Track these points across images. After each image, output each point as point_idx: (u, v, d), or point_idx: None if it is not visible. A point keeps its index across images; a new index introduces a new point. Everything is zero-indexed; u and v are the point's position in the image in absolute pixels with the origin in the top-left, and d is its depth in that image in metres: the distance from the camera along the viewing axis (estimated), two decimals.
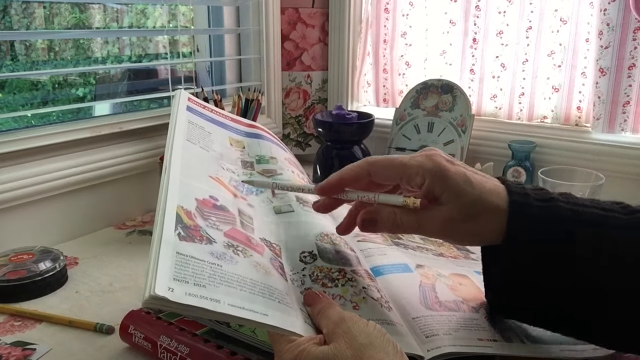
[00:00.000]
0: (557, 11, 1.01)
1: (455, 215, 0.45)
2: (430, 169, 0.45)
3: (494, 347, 0.48)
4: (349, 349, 0.38)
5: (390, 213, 0.47)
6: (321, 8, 1.24)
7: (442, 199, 0.45)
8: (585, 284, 0.43)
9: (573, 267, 0.43)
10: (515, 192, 0.45)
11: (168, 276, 0.36)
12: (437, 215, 0.45)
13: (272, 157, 0.64)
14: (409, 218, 0.46)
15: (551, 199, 0.45)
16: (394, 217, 0.47)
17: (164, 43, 1.31)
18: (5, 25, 1.27)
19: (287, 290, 0.44)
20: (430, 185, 0.45)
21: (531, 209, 0.44)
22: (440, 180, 0.45)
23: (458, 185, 0.45)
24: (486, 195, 0.45)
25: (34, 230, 0.83)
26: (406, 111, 1.15)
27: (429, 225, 0.46)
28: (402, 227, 0.47)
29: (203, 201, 0.47)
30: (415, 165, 0.46)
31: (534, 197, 0.45)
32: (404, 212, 0.47)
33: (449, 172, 0.45)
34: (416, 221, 0.46)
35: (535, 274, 0.44)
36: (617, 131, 0.97)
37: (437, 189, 0.45)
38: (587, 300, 0.44)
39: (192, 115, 0.60)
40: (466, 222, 0.45)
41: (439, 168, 0.45)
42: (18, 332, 0.60)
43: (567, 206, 0.44)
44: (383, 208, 0.48)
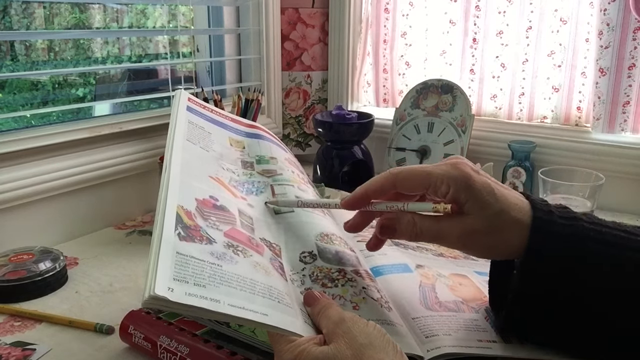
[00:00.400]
0: (557, 11, 1.01)
1: (477, 226, 0.44)
2: (456, 177, 0.45)
3: (494, 348, 0.48)
4: (349, 349, 0.38)
5: (409, 221, 0.47)
6: (321, 8, 1.24)
7: (465, 208, 0.45)
8: (602, 306, 0.43)
9: (592, 287, 0.43)
10: (539, 209, 0.45)
11: (168, 276, 0.36)
12: (459, 225, 0.45)
13: (272, 157, 0.64)
14: (429, 226, 0.46)
15: (575, 218, 0.44)
16: (412, 225, 0.47)
17: (164, 43, 1.31)
18: (5, 25, 1.27)
19: (287, 290, 0.44)
20: (455, 194, 0.45)
21: (554, 227, 0.44)
22: (465, 189, 0.44)
23: (482, 196, 0.44)
24: (509, 209, 0.44)
25: (34, 230, 0.83)
26: (406, 111, 1.15)
27: (448, 236, 0.46)
28: (422, 236, 0.47)
29: (203, 201, 0.47)
30: (440, 174, 0.45)
31: (557, 215, 0.44)
32: (424, 221, 0.46)
33: (474, 182, 0.44)
34: (436, 230, 0.46)
35: (552, 292, 0.44)
36: (617, 131, 0.97)
37: (462, 197, 0.44)
38: (601, 322, 0.43)
39: (192, 116, 0.60)
40: (487, 235, 0.44)
41: (464, 177, 0.45)
42: (18, 332, 0.60)
43: (590, 226, 0.44)
44: (403, 215, 0.47)
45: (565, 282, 0.43)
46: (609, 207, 0.94)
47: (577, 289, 0.43)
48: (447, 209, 0.45)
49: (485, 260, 0.68)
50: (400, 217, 0.47)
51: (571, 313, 0.44)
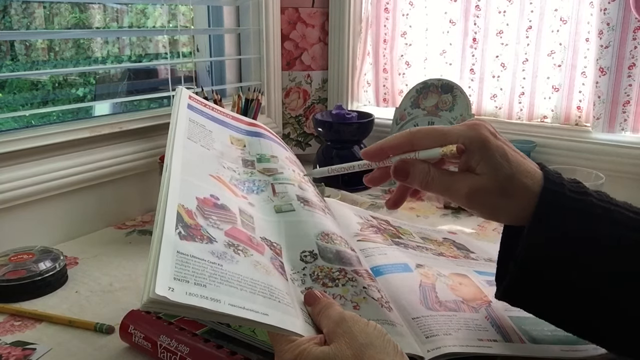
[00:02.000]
0: (557, 11, 1.01)
1: (487, 186, 0.44)
2: (471, 137, 0.45)
3: (494, 347, 0.48)
4: (349, 349, 0.38)
5: (424, 168, 0.48)
6: (321, 8, 1.24)
7: (478, 169, 0.45)
8: (603, 282, 0.43)
9: (593, 264, 0.43)
10: (550, 180, 0.45)
11: (168, 275, 0.36)
12: (469, 181, 0.45)
13: (272, 155, 0.64)
14: (441, 177, 0.47)
15: (585, 193, 0.44)
16: (426, 173, 0.47)
17: (164, 43, 1.31)
18: (5, 25, 1.27)
19: (287, 289, 0.44)
20: (469, 154, 0.45)
21: (563, 199, 0.44)
22: (480, 149, 0.45)
23: (495, 158, 0.44)
24: (521, 175, 0.44)
25: (34, 230, 0.83)
26: (406, 111, 1.15)
27: (458, 190, 0.46)
28: (432, 185, 0.47)
29: (204, 200, 0.47)
30: (456, 133, 0.46)
31: (568, 188, 0.44)
32: (437, 171, 0.47)
33: (489, 143, 0.45)
34: (447, 182, 0.47)
35: (553, 264, 0.44)
36: (617, 131, 0.97)
37: (475, 157, 0.45)
38: (602, 300, 0.43)
39: (193, 114, 0.59)
40: (495, 196, 0.45)
41: (480, 137, 0.45)
42: (18, 332, 0.60)
43: (599, 203, 0.44)
44: (419, 162, 0.48)
45: (567, 256, 0.43)
46: None
47: (578, 265, 0.43)
48: (452, 150, 0.45)
49: (485, 260, 0.69)
50: (416, 163, 0.48)
51: (570, 288, 0.44)
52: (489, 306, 0.54)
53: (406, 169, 0.49)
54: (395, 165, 0.49)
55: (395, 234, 0.68)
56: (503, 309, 0.54)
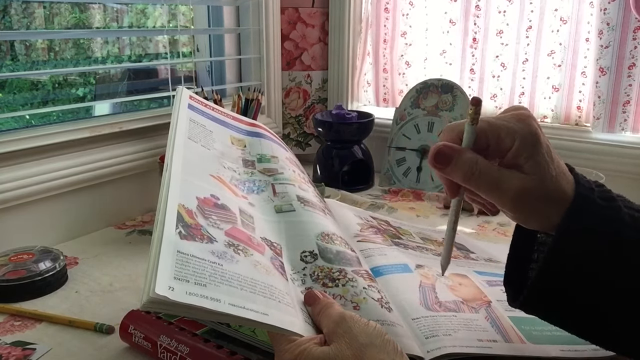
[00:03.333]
0: (557, 11, 1.01)
1: (535, 188, 0.41)
2: (522, 132, 0.41)
3: (494, 347, 0.48)
4: (349, 349, 0.38)
5: (471, 158, 0.42)
6: (321, 8, 1.24)
7: (526, 167, 0.41)
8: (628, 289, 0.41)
9: (617, 271, 0.41)
10: (582, 184, 0.42)
11: (168, 275, 0.36)
12: (519, 181, 0.41)
13: (273, 156, 0.64)
14: (489, 170, 0.42)
15: (612, 199, 0.42)
16: (474, 163, 0.42)
17: (164, 43, 1.31)
18: (5, 25, 1.27)
19: (287, 289, 0.44)
20: (520, 149, 0.41)
21: (593, 206, 0.41)
22: (532, 146, 0.41)
23: (545, 158, 0.41)
24: (561, 178, 0.42)
25: (34, 230, 0.83)
26: (406, 111, 1.15)
27: (506, 189, 0.41)
28: (479, 178, 0.42)
29: (204, 200, 0.47)
30: (504, 126, 0.42)
31: (597, 194, 0.42)
32: (486, 163, 0.42)
33: (541, 141, 0.41)
34: (496, 178, 0.42)
35: (578, 271, 0.42)
36: (617, 131, 0.97)
37: (525, 155, 0.41)
38: (623, 308, 0.42)
39: (194, 114, 0.59)
40: (539, 201, 0.41)
41: (532, 133, 0.41)
42: (18, 332, 0.60)
43: (626, 210, 0.42)
44: (467, 151, 0.42)
45: (594, 264, 0.41)
46: None
47: (605, 273, 0.41)
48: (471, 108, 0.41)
49: (485, 260, 0.69)
50: (463, 151, 0.42)
51: (592, 296, 0.42)
52: (488, 306, 0.54)
53: (450, 154, 0.42)
54: (439, 149, 0.43)
55: (395, 235, 0.68)
56: (503, 309, 0.54)
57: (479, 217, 0.94)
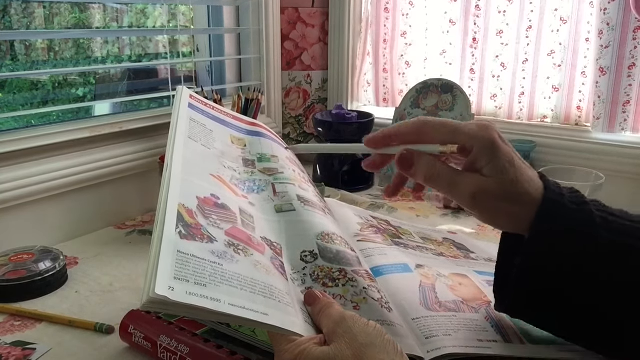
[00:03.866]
0: (557, 11, 1.01)
1: (492, 189, 0.44)
2: (482, 139, 0.45)
3: (494, 347, 0.48)
4: (349, 349, 0.38)
5: (430, 161, 0.47)
6: (321, 8, 1.24)
7: (485, 171, 0.45)
8: (604, 291, 0.42)
9: (595, 274, 0.42)
10: (551, 189, 0.45)
11: (169, 275, 0.36)
12: (475, 181, 0.45)
13: (273, 155, 0.64)
14: (447, 173, 0.46)
15: (584, 203, 0.44)
16: (432, 166, 0.47)
17: (164, 43, 1.31)
18: (5, 25, 1.27)
19: (287, 289, 0.44)
20: (478, 155, 0.45)
21: (563, 209, 0.43)
22: (489, 152, 0.45)
23: (502, 162, 0.44)
24: (524, 182, 0.44)
25: (34, 230, 0.83)
26: (406, 111, 1.15)
27: (463, 189, 0.45)
28: (437, 180, 0.47)
29: (204, 199, 0.47)
30: (467, 132, 0.46)
31: (567, 198, 0.44)
32: (444, 166, 0.47)
33: (498, 147, 0.45)
34: (453, 179, 0.46)
35: (554, 273, 0.43)
36: (617, 131, 0.97)
37: (483, 160, 0.45)
38: (603, 308, 0.43)
39: (194, 113, 0.59)
40: (499, 200, 0.44)
41: (490, 140, 0.45)
42: (18, 332, 0.60)
43: (598, 212, 0.44)
44: (425, 154, 0.47)
45: (568, 265, 0.43)
46: None
47: (579, 275, 0.43)
48: (453, 150, 0.45)
49: (485, 260, 0.69)
50: (422, 155, 0.47)
51: (570, 297, 0.43)
52: (488, 306, 0.54)
53: (411, 159, 0.48)
54: (401, 155, 0.48)
55: (395, 234, 0.68)
56: None
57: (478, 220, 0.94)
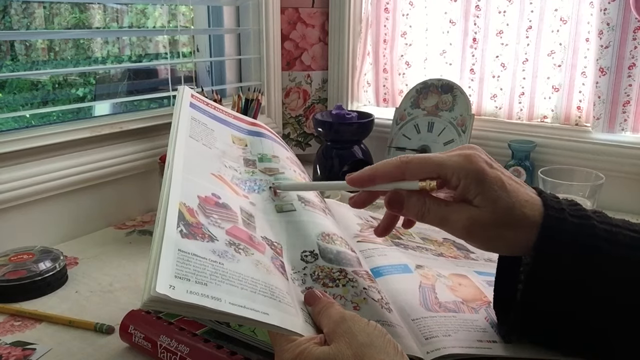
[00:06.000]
0: (557, 11, 1.01)
1: (485, 219, 0.43)
2: (468, 171, 0.44)
3: (494, 348, 0.48)
4: (349, 349, 0.38)
5: (418, 199, 0.46)
6: (321, 8, 1.24)
7: (475, 201, 0.44)
8: (611, 306, 0.42)
9: (602, 287, 0.42)
10: (551, 207, 0.44)
11: (169, 273, 0.36)
12: (466, 213, 0.44)
13: (274, 155, 0.64)
14: (437, 209, 0.45)
15: (586, 217, 0.44)
16: (422, 204, 0.46)
17: (164, 43, 1.31)
18: (5, 25, 1.27)
19: (287, 289, 0.44)
20: (466, 187, 0.44)
21: (565, 225, 0.43)
22: (477, 183, 0.44)
23: (494, 191, 0.43)
24: (520, 205, 0.43)
25: (34, 230, 0.83)
26: (406, 111, 1.15)
27: (455, 222, 0.45)
28: (428, 217, 0.46)
29: (205, 198, 0.47)
30: (451, 166, 0.44)
31: (569, 213, 0.43)
32: (433, 202, 0.46)
33: (486, 176, 0.44)
34: (444, 214, 0.45)
35: (560, 293, 0.43)
36: (617, 131, 0.97)
37: (472, 191, 0.44)
38: (608, 324, 0.43)
39: (195, 112, 0.59)
40: (494, 229, 0.44)
41: (476, 171, 0.44)
42: (18, 332, 0.60)
43: (601, 225, 0.43)
44: (413, 194, 0.47)
45: (573, 283, 0.42)
46: (609, 206, 0.94)
47: (584, 291, 0.42)
48: (432, 185, 0.45)
49: (485, 260, 0.69)
50: (410, 195, 0.47)
51: (576, 315, 0.43)
52: (488, 307, 0.54)
53: (401, 200, 0.47)
54: (390, 197, 0.48)
55: (395, 235, 0.68)
56: None
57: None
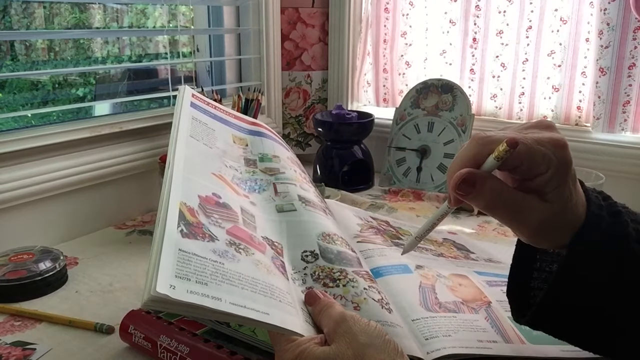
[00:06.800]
0: (557, 11, 1.01)
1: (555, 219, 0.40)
2: (558, 161, 0.39)
3: (494, 348, 0.48)
4: (349, 349, 0.38)
5: (494, 187, 0.40)
6: (321, 8, 1.24)
7: (550, 195, 0.40)
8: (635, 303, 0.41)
9: (627, 287, 0.41)
10: (593, 203, 0.42)
11: (170, 273, 0.36)
12: (540, 212, 0.40)
13: (274, 155, 0.64)
14: (514, 200, 0.40)
15: (619, 213, 0.42)
16: (498, 193, 0.40)
17: (164, 43, 1.31)
18: (5, 25, 1.27)
19: (288, 289, 0.44)
20: (551, 178, 0.40)
21: (602, 224, 0.41)
22: (563, 177, 0.40)
23: (570, 188, 0.40)
24: (578, 205, 0.41)
25: (34, 230, 0.83)
26: (406, 111, 1.15)
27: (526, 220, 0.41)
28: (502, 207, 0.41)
29: (206, 198, 0.47)
30: (542, 153, 0.39)
31: (606, 210, 0.42)
32: (511, 192, 0.41)
33: (571, 171, 0.40)
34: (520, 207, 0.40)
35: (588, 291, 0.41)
36: (617, 131, 0.97)
37: (554, 184, 0.40)
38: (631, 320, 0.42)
39: (196, 112, 0.59)
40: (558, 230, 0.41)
41: (567, 162, 0.40)
42: (18, 332, 0.60)
43: (633, 225, 0.41)
44: (491, 177, 0.40)
45: (602, 280, 0.41)
46: None
47: (611, 288, 0.41)
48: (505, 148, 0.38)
49: (485, 260, 0.69)
50: (487, 178, 0.40)
51: (599, 312, 0.42)
52: (488, 307, 0.54)
53: (474, 180, 0.40)
54: (465, 177, 0.40)
55: (395, 235, 0.68)
56: (503, 310, 0.54)
57: (479, 217, 0.94)
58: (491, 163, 0.40)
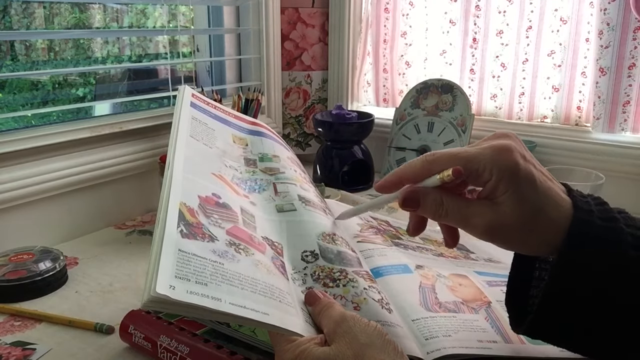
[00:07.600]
0: (557, 11, 1.01)
1: (510, 220, 0.40)
2: (500, 165, 0.40)
3: (494, 348, 0.48)
4: (349, 349, 0.38)
5: (435, 199, 0.43)
6: (321, 8, 1.24)
7: (501, 199, 0.41)
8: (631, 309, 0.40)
9: (621, 291, 0.40)
10: (580, 208, 0.41)
11: (169, 274, 0.36)
12: (489, 215, 0.41)
13: (274, 155, 0.64)
14: (457, 209, 0.42)
15: (613, 219, 0.41)
16: (439, 204, 0.43)
17: (164, 43, 1.31)
18: (5, 25, 1.27)
19: (288, 289, 0.44)
20: (496, 183, 0.41)
21: (593, 229, 0.40)
22: (508, 179, 0.40)
23: (523, 190, 0.40)
24: (548, 207, 0.40)
25: (34, 230, 0.83)
26: (406, 111, 1.15)
27: (476, 223, 0.42)
28: (446, 217, 0.43)
29: (206, 198, 0.47)
30: (482, 160, 0.41)
31: (597, 214, 0.41)
32: (452, 202, 0.43)
33: (519, 172, 0.40)
34: (464, 215, 0.42)
35: (582, 299, 0.41)
36: (617, 131, 0.97)
37: (502, 188, 0.40)
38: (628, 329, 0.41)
39: (196, 112, 0.59)
40: (518, 231, 0.41)
41: (509, 166, 0.40)
42: (18, 332, 0.60)
43: (628, 230, 0.40)
44: (431, 191, 0.43)
45: (596, 288, 0.40)
46: None
47: (607, 296, 0.40)
48: (449, 175, 0.41)
49: (485, 260, 0.69)
50: (427, 193, 0.43)
51: (596, 319, 0.41)
52: (488, 307, 0.54)
53: (416, 198, 0.44)
54: (405, 196, 0.44)
55: (396, 235, 0.68)
56: (503, 310, 0.54)
57: None
58: (434, 181, 0.43)
